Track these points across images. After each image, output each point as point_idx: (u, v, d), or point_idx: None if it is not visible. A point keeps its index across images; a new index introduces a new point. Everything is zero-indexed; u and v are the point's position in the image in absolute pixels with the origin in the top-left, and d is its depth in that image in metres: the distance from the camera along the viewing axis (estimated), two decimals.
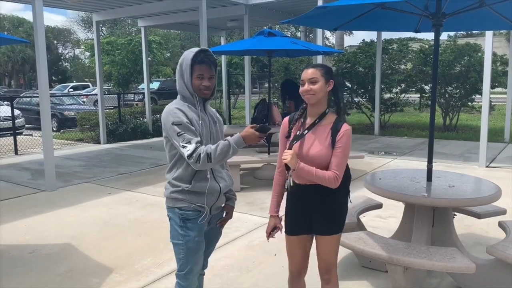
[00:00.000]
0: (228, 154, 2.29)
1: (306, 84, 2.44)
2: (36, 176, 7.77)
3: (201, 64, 2.36)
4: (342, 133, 2.41)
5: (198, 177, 2.38)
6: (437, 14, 3.53)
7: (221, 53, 11.05)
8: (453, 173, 4.06)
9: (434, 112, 3.77)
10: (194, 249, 2.42)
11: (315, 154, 2.43)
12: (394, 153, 9.50)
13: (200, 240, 2.45)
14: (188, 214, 2.39)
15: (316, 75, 2.43)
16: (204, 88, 2.38)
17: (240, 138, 2.29)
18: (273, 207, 2.66)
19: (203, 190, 2.37)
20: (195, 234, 2.40)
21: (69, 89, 27.46)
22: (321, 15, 4.04)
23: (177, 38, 41.03)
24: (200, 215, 2.40)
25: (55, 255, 4.28)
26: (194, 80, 2.37)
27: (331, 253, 2.55)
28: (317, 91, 2.43)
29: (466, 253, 3.51)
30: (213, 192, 2.42)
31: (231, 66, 20.98)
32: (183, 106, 2.38)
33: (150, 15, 12.44)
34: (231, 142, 2.28)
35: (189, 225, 2.39)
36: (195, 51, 2.39)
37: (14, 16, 49.76)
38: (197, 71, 2.36)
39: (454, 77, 12.36)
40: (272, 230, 2.63)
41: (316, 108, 2.49)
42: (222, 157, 2.28)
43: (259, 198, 6.00)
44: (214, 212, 2.51)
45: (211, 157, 2.25)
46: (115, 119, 12.72)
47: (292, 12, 11.97)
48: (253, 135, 2.29)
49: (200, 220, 2.40)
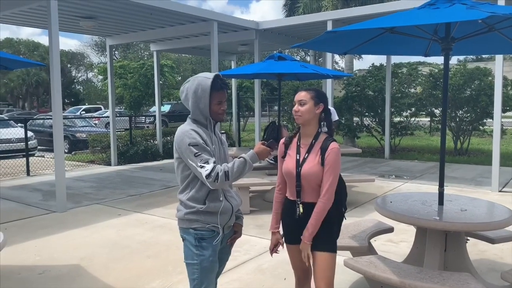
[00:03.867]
0: (244, 170, 2.38)
1: (296, 105, 2.62)
2: (47, 197, 7.82)
3: (220, 90, 2.44)
4: (329, 152, 2.53)
5: (211, 197, 2.42)
6: (446, 38, 3.56)
7: (232, 76, 11.20)
8: (465, 197, 4.02)
9: (445, 135, 3.76)
10: (209, 268, 2.45)
11: (306, 171, 2.55)
12: (404, 177, 9.42)
13: (215, 260, 2.48)
14: (203, 234, 2.42)
15: (306, 97, 2.60)
16: (222, 113, 2.49)
17: (254, 154, 2.42)
18: (274, 223, 2.79)
19: (216, 210, 2.42)
20: (210, 253, 2.43)
21: (81, 111, 27.86)
22: (331, 39, 4.10)
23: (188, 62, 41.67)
24: (215, 235, 2.44)
25: (65, 276, 4.27)
26: (214, 106, 2.44)
27: (327, 272, 2.55)
28: (304, 113, 2.59)
29: (480, 279, 3.44)
30: (226, 212, 2.47)
31: (241, 89, 21.17)
32: (197, 128, 2.44)
33: (163, 40, 12.69)
34: (247, 158, 2.39)
35: (204, 244, 2.42)
36: (211, 77, 2.43)
37: (30, 40, 51.06)
38: (217, 98, 2.44)
39: (465, 101, 12.33)
40: (275, 246, 2.74)
41: (306, 128, 2.64)
42: (239, 174, 2.38)
43: (268, 221, 5.88)
44: (226, 231, 2.54)
45: (228, 175, 2.33)
46: (126, 141, 12.83)
47: (302, 36, 12.13)
48: (265, 150, 2.44)
49: (215, 241, 2.43)
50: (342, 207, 2.66)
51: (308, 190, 2.56)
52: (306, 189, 2.57)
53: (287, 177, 2.65)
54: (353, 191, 7.81)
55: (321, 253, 2.54)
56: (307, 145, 2.61)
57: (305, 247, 2.54)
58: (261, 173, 8.48)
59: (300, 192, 2.59)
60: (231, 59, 16.51)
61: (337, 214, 2.62)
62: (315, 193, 2.55)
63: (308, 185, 2.56)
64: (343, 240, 3.77)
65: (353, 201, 6.96)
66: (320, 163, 2.52)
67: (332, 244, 2.60)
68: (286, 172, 2.64)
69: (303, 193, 2.58)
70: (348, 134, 14.24)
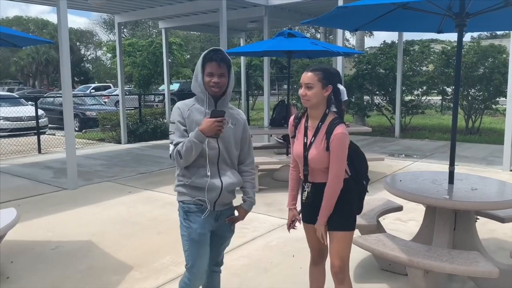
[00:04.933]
0: (192, 149, 2.36)
1: (302, 88, 2.49)
2: (58, 174, 7.92)
3: (211, 61, 2.42)
4: (333, 137, 2.43)
5: (198, 174, 2.45)
6: (460, 14, 3.47)
7: (241, 54, 11.08)
8: (476, 176, 3.98)
9: (457, 113, 3.70)
10: (197, 241, 2.47)
11: (313, 156, 2.51)
12: (414, 156, 9.36)
13: (203, 233, 2.49)
14: (190, 207, 2.49)
15: (313, 80, 2.46)
16: (213, 85, 2.42)
17: (198, 131, 2.34)
18: (290, 200, 2.76)
19: (203, 186, 2.44)
20: (197, 226, 2.47)
21: (91, 89, 27.92)
22: (342, 15, 4.02)
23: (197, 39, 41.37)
24: (202, 209, 2.46)
25: (77, 252, 4.35)
26: (205, 77, 2.43)
27: (342, 251, 2.56)
28: (311, 97, 2.47)
29: (489, 257, 3.43)
30: (214, 189, 2.45)
31: (250, 68, 21.03)
32: (187, 106, 2.48)
33: (171, 17, 12.57)
34: (191, 137, 2.36)
35: (192, 217, 2.48)
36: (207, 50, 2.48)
37: (39, 18, 50.98)
38: (208, 69, 2.43)
39: (478, 79, 12.12)
40: (292, 222, 2.73)
41: (315, 110, 2.54)
42: (189, 153, 2.37)
43: (277, 199, 5.98)
44: (219, 208, 2.53)
45: (181, 154, 2.38)
46: (136, 120, 12.88)
47: (312, 13, 11.92)
48: (209, 123, 2.32)
49: (203, 215, 2.46)
50: (363, 180, 2.62)
51: (317, 171, 2.54)
52: (315, 171, 2.54)
53: (297, 160, 2.63)
54: None
55: (337, 232, 2.54)
56: (314, 128, 2.53)
57: (320, 228, 2.54)
58: (270, 152, 8.48)
59: (308, 176, 2.57)
60: (240, 37, 16.33)
61: (357, 189, 2.59)
62: (325, 174, 2.52)
63: (316, 168, 2.53)
64: None
65: None
66: (325, 148, 2.45)
67: (350, 222, 2.58)
68: (295, 155, 2.62)
69: (312, 175, 2.56)
70: (358, 112, 14.13)
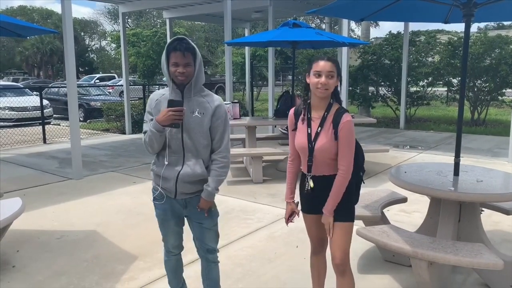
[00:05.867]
0: (152, 138, 2.48)
1: (324, 77, 2.42)
2: (63, 164, 7.96)
3: (175, 51, 2.43)
4: (341, 126, 2.44)
5: (157, 162, 2.61)
6: (468, 3, 3.42)
7: (245, 44, 11.04)
8: (481, 168, 3.96)
9: (463, 104, 3.67)
10: (161, 224, 2.72)
11: (320, 147, 2.49)
12: (419, 147, 9.33)
13: (166, 219, 2.68)
14: (154, 192, 2.66)
15: (334, 70, 2.44)
16: (179, 75, 2.45)
17: (155, 121, 2.45)
18: (288, 193, 2.76)
19: (159, 174, 2.58)
20: (159, 212, 2.68)
21: (96, 80, 27.94)
22: (348, 5, 3.98)
23: (201, 30, 41.18)
24: (162, 196, 2.61)
25: (82, 241, 4.38)
26: (170, 67, 2.46)
27: (344, 242, 2.55)
28: (331, 86, 2.46)
29: (493, 249, 3.42)
30: (168, 178, 2.55)
31: (255, 58, 20.94)
32: (158, 95, 2.58)
33: (175, 7, 12.50)
34: (150, 126, 2.47)
35: (155, 202, 2.68)
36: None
37: (43, 8, 50.87)
38: (173, 59, 2.44)
39: (484, 70, 12.02)
40: (290, 215, 2.74)
41: (321, 101, 2.52)
42: (151, 142, 2.49)
43: (281, 190, 5.98)
44: (182, 197, 2.59)
45: (146, 143, 2.53)
46: (140, 110, 12.88)
47: (317, 3, 11.82)
48: (164, 112, 2.40)
49: (162, 202, 2.62)
50: (360, 171, 2.63)
51: (320, 163, 2.53)
52: (318, 163, 2.54)
53: (300, 152, 2.61)
54: (367, 161, 7.73)
55: (338, 223, 2.54)
56: (319, 118, 2.51)
57: (327, 220, 2.53)
58: (274, 143, 8.48)
59: (311, 166, 2.56)
60: (245, 27, 16.24)
61: (356, 180, 2.60)
62: (327, 166, 2.52)
63: (321, 160, 2.52)
64: (356, 209, 3.76)
65: (366, 171, 6.91)
66: (334, 138, 2.45)
67: (350, 213, 2.59)
68: (298, 147, 2.59)
69: (314, 167, 2.55)
70: (363, 104, 14.07)
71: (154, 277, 3.59)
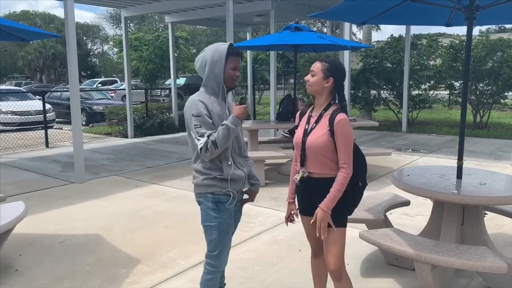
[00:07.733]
0: (229, 135, 2.48)
1: (309, 74, 2.62)
2: (66, 168, 7.97)
3: (236, 55, 2.54)
4: (336, 122, 2.49)
5: (213, 166, 2.56)
6: (470, 6, 3.43)
7: (247, 48, 11.05)
8: (484, 171, 3.95)
9: (466, 108, 3.67)
10: (226, 230, 2.62)
11: (312, 141, 2.54)
12: (422, 151, 9.31)
13: (231, 222, 2.65)
14: (220, 198, 2.57)
15: (317, 69, 2.58)
16: (236, 79, 2.56)
17: (234, 117, 2.50)
18: (290, 194, 2.81)
19: (233, 177, 2.57)
20: (227, 216, 2.60)
21: (98, 84, 28.00)
22: (350, 8, 3.99)
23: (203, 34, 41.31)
24: (231, 199, 2.58)
25: (84, 245, 4.38)
26: (229, 70, 2.52)
27: (336, 248, 2.54)
28: (312, 84, 2.58)
29: (497, 252, 3.41)
30: (240, 179, 2.61)
31: (257, 62, 20.97)
32: (206, 99, 2.53)
33: (177, 11, 12.54)
34: (228, 124, 2.48)
35: (222, 208, 2.58)
36: (227, 44, 2.55)
37: (46, 13, 51.12)
38: (232, 63, 2.53)
39: (486, 73, 12.01)
40: (289, 216, 2.79)
41: (318, 99, 2.62)
42: (226, 140, 2.47)
43: (283, 193, 5.96)
44: (239, 196, 2.69)
45: (216, 144, 2.44)
46: (143, 114, 12.91)
47: (319, 6, 11.84)
48: (241, 109, 2.52)
49: (228, 204, 2.57)
50: (359, 181, 2.60)
51: (312, 160, 2.54)
52: (310, 159, 2.55)
53: (296, 147, 2.65)
54: (369, 164, 7.71)
55: (330, 229, 2.52)
56: (317, 116, 2.59)
57: (322, 215, 2.46)
58: (276, 146, 8.49)
59: (304, 161, 2.58)
60: (247, 31, 16.27)
61: (351, 189, 2.55)
62: (321, 164, 2.52)
63: (312, 156, 2.53)
64: (359, 212, 3.77)
65: (369, 175, 6.88)
66: (329, 134, 2.48)
67: (343, 219, 2.57)
68: (295, 141, 2.66)
69: (308, 163, 2.57)
70: (365, 107, 14.06)
71: (157, 281, 3.58)
